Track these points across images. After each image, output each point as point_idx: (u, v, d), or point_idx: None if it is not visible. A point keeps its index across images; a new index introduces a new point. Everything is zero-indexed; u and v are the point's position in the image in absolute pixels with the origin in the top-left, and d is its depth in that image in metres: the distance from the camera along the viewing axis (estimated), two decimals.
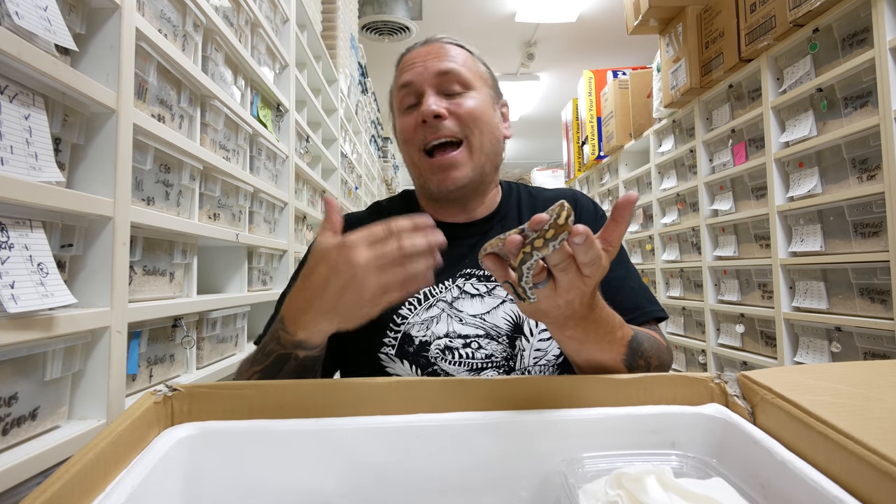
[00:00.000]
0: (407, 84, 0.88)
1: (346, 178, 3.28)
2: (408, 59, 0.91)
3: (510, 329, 0.86)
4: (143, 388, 1.00)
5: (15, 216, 0.66)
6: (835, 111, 1.82)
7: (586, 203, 0.99)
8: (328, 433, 0.54)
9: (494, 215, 0.96)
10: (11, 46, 0.63)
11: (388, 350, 0.86)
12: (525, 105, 7.41)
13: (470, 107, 0.86)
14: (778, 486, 0.45)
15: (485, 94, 0.90)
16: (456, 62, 0.88)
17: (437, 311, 0.87)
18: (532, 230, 0.52)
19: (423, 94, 0.87)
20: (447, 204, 0.93)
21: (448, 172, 0.85)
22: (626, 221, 0.55)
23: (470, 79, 0.88)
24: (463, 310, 0.87)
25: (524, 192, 1.01)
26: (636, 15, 2.82)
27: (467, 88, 0.88)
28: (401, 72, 0.91)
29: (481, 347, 0.85)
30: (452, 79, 0.87)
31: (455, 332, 0.85)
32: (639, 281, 0.92)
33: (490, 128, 0.89)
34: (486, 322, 0.86)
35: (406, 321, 0.86)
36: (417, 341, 0.85)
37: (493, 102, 0.93)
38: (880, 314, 1.66)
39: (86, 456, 0.41)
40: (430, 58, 0.88)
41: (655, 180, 3.25)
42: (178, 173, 1.10)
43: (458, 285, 0.88)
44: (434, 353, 0.84)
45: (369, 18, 4.23)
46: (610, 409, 0.57)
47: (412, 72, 0.88)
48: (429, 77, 0.87)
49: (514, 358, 0.86)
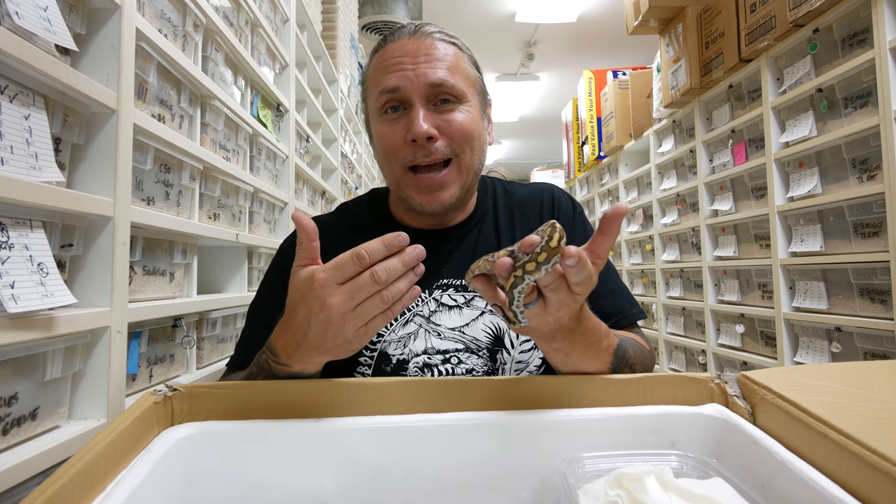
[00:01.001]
0: (393, 90, 0.79)
1: (346, 178, 3.28)
2: (393, 51, 0.81)
3: (490, 342, 0.83)
4: (143, 388, 1.00)
5: (15, 216, 0.66)
6: (835, 111, 1.82)
7: (564, 201, 0.94)
8: (328, 433, 0.54)
9: (471, 219, 0.91)
10: (11, 46, 0.63)
11: (364, 370, 0.82)
12: (525, 105, 7.40)
13: (462, 124, 0.80)
14: (778, 486, 0.45)
15: (475, 104, 0.84)
16: (448, 68, 0.80)
17: (415, 326, 0.83)
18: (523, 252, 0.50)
19: (410, 104, 0.79)
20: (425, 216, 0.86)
21: (435, 194, 0.80)
22: (615, 233, 0.53)
23: (463, 90, 0.81)
24: (441, 323, 0.83)
25: (500, 188, 0.96)
26: (636, 15, 2.82)
27: (460, 100, 0.81)
28: (384, 68, 0.81)
29: (461, 362, 0.82)
30: (446, 90, 0.79)
31: (433, 347, 0.82)
32: (618, 282, 0.90)
33: (479, 143, 0.83)
34: (465, 335, 0.83)
35: (382, 339, 0.82)
36: (395, 360, 0.81)
37: (482, 111, 0.86)
38: (880, 314, 1.66)
39: (86, 456, 0.41)
40: (421, 61, 0.79)
41: (655, 180, 3.25)
42: (178, 173, 1.10)
43: (436, 297, 0.84)
44: (412, 372, 0.81)
45: (369, 18, 4.23)
46: (610, 409, 0.57)
47: (400, 75, 0.79)
48: (420, 87, 0.78)
49: (495, 372, 0.83)
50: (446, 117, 0.79)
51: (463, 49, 0.85)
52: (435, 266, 0.85)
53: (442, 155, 0.79)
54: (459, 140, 0.80)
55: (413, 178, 0.81)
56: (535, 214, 0.92)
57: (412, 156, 0.79)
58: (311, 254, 0.59)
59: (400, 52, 0.80)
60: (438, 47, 0.81)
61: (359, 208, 0.96)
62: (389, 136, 0.80)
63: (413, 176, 0.81)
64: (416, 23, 0.84)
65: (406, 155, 0.79)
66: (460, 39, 0.86)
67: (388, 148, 0.81)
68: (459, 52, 0.84)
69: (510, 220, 0.92)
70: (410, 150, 0.79)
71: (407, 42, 0.81)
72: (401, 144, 0.79)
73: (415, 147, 0.78)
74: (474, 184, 0.87)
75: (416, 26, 0.83)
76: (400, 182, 0.82)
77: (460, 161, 0.81)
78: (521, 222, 0.91)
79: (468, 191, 0.85)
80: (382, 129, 0.82)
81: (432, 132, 0.77)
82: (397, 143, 0.80)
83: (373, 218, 0.93)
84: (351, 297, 0.54)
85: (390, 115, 0.81)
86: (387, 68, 0.80)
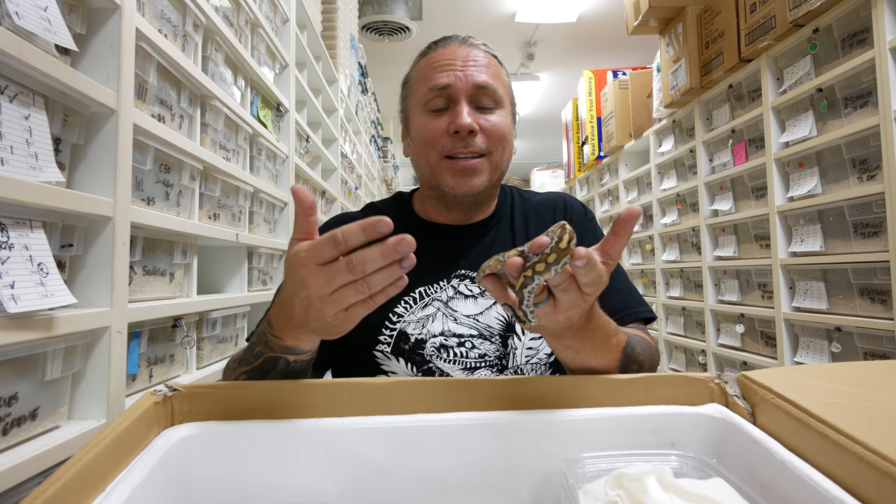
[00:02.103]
0: (443, 87, 0.87)
1: (346, 178, 3.28)
2: (442, 55, 0.90)
3: (502, 329, 0.88)
4: (143, 388, 1.00)
5: (15, 216, 0.66)
6: (835, 111, 1.82)
7: (576, 207, 1.00)
8: (328, 433, 0.54)
9: (490, 219, 0.97)
10: (11, 46, 0.63)
11: (383, 348, 0.87)
12: (525, 105, 7.40)
13: (499, 125, 0.88)
14: (778, 486, 0.45)
15: (509, 111, 0.92)
16: (491, 74, 0.88)
17: (433, 309, 0.88)
18: (533, 253, 0.51)
19: (456, 101, 0.87)
20: (452, 207, 0.93)
21: (468, 178, 0.87)
22: (628, 235, 0.54)
23: (502, 96, 0.89)
24: (457, 310, 0.89)
25: (517, 195, 1.03)
26: (636, 15, 2.82)
27: (498, 105, 0.89)
28: (433, 68, 0.89)
29: (475, 347, 0.87)
30: (488, 93, 0.87)
31: (450, 330, 0.87)
32: (627, 282, 0.93)
33: (509, 146, 0.91)
34: (479, 323, 0.88)
35: (402, 319, 0.88)
36: (413, 339, 0.86)
37: (513, 119, 0.94)
38: (880, 314, 1.66)
39: (86, 456, 0.41)
40: (469, 65, 0.88)
41: (655, 180, 3.25)
42: (178, 173, 1.10)
43: (453, 286, 0.90)
44: (430, 351, 0.86)
45: (369, 18, 4.23)
46: (610, 409, 0.57)
47: (450, 74, 0.87)
48: (467, 87, 0.87)
49: (506, 356, 0.87)
50: (486, 117, 0.88)
51: (501, 63, 0.94)
52: (454, 257, 0.92)
53: (478, 149, 0.87)
54: (495, 138, 0.88)
55: (449, 163, 0.87)
56: (549, 218, 0.98)
57: (452, 146, 0.86)
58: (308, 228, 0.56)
59: (451, 55, 0.89)
60: (483, 57, 0.90)
61: (385, 207, 1.01)
62: (431, 129, 0.87)
63: (449, 161, 0.87)
64: (463, 35, 0.94)
65: (446, 144, 0.86)
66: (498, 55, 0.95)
67: (429, 138, 0.88)
68: (498, 65, 0.93)
69: (525, 224, 0.98)
70: (451, 141, 0.86)
71: (458, 48, 0.90)
72: (442, 134, 0.86)
73: (455, 139, 0.86)
74: (499, 182, 0.94)
75: (464, 37, 0.93)
76: (435, 168, 0.88)
77: (492, 157, 0.88)
78: (535, 226, 0.98)
79: (494, 186, 0.92)
80: (424, 121, 0.89)
81: (475, 126, 0.85)
82: (438, 134, 0.87)
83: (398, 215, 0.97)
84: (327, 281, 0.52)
85: (434, 112, 0.88)
86: (437, 68, 0.89)
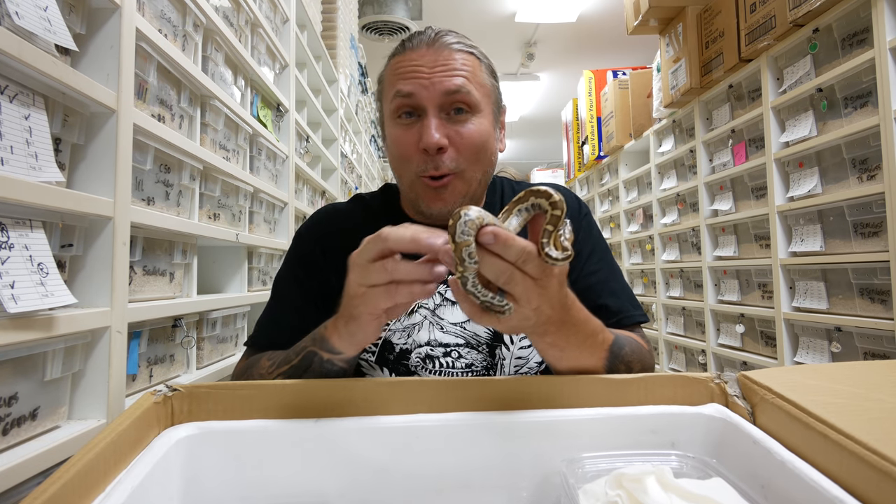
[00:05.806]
0: (407, 95, 0.80)
1: (346, 178, 3.28)
2: (409, 59, 0.81)
3: (490, 338, 0.85)
4: (143, 388, 1.00)
5: (15, 216, 0.66)
6: (835, 111, 1.82)
7: (570, 202, 0.94)
8: (328, 433, 0.54)
9: None
10: (11, 46, 0.63)
11: (367, 357, 0.84)
12: (525, 105, 7.40)
13: (472, 137, 0.80)
14: (778, 486, 0.45)
15: (488, 115, 0.84)
16: (464, 77, 0.80)
17: (419, 318, 0.85)
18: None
19: (423, 111, 0.80)
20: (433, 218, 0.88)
21: (442, 195, 0.82)
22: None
23: (477, 101, 0.81)
24: (444, 318, 0.85)
25: (507, 187, 0.98)
26: (636, 15, 2.82)
27: (473, 110, 0.81)
28: (399, 73, 0.82)
29: (461, 357, 0.84)
30: (460, 98, 0.79)
31: (436, 340, 0.84)
32: (622, 283, 0.91)
33: (488, 155, 0.84)
34: (466, 331, 0.85)
35: (387, 327, 0.84)
36: (398, 349, 0.84)
37: (495, 120, 0.87)
38: (880, 314, 1.66)
39: (86, 456, 0.41)
40: (438, 70, 0.79)
41: (655, 180, 3.25)
42: (178, 173, 1.10)
43: (440, 292, 0.87)
44: (414, 362, 0.83)
45: (369, 18, 4.23)
46: (610, 409, 0.57)
47: (415, 82, 0.79)
48: (435, 95, 0.79)
49: (494, 367, 0.84)
50: (458, 129, 0.80)
51: (481, 58, 0.86)
52: None
53: (447, 169, 0.80)
54: (468, 153, 0.81)
55: (423, 181, 0.82)
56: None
57: (424, 167, 0.80)
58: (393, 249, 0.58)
59: (417, 59, 0.81)
60: (456, 58, 0.81)
61: (373, 200, 0.98)
62: (402, 143, 0.82)
63: (423, 179, 0.82)
64: (436, 30, 0.84)
65: (419, 164, 0.81)
66: (478, 48, 0.86)
67: (402, 153, 0.82)
68: (477, 62, 0.84)
69: None
70: (422, 160, 0.80)
71: (425, 52, 0.81)
72: (413, 152, 0.81)
73: (426, 157, 0.80)
74: (481, 189, 0.88)
75: (435, 34, 0.83)
76: (413, 185, 0.84)
77: (464, 175, 0.82)
78: None
79: (473, 197, 0.86)
80: (396, 133, 0.83)
81: (443, 143, 0.78)
82: (410, 151, 0.81)
83: (385, 211, 0.95)
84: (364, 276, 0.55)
85: (404, 119, 0.82)
86: (402, 74, 0.81)
